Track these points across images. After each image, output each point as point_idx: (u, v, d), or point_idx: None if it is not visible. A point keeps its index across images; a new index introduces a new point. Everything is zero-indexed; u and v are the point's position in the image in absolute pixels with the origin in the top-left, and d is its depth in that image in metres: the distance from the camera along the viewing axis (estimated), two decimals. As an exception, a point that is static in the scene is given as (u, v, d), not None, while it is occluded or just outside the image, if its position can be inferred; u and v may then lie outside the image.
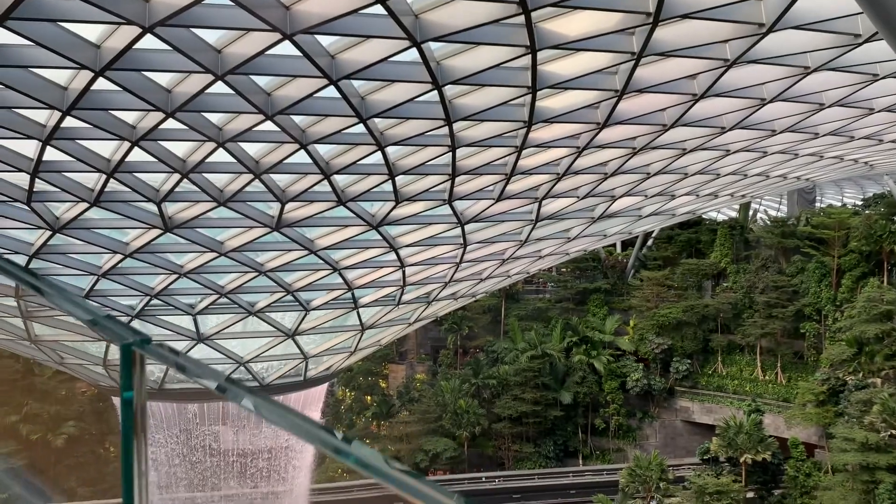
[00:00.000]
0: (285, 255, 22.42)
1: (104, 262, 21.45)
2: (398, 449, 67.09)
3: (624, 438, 67.27)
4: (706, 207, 35.01)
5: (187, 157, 16.33)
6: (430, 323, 79.30)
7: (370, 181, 18.58)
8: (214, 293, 24.08)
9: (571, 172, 20.05)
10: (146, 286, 23.25)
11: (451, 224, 21.90)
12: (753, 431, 50.40)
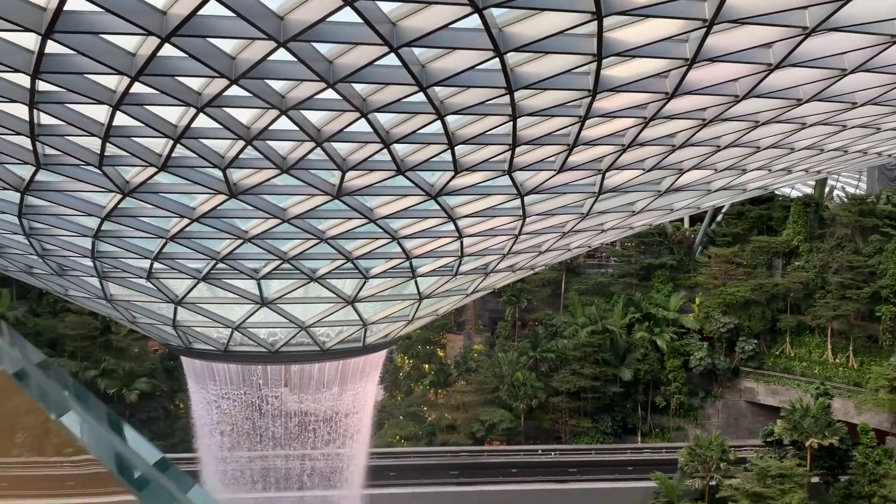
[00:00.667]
0: (345, 223, 22.64)
1: (172, 226, 22.06)
2: (454, 417, 67.68)
3: (685, 417, 66.23)
4: (779, 183, 33.72)
5: (251, 125, 16.55)
6: (489, 294, 79.38)
7: (429, 150, 18.51)
8: (277, 259, 24.55)
9: (637, 144, 19.54)
10: (212, 250, 23.84)
11: (510, 195, 21.69)
12: (821, 415, 48.89)
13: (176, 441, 67.14)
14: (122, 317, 32.25)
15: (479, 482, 53.29)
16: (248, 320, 28.84)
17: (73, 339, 67.51)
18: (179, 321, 29.40)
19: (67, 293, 31.16)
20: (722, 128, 19.51)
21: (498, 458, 58.84)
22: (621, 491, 52.52)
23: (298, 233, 22.77)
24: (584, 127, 17.65)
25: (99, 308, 34.44)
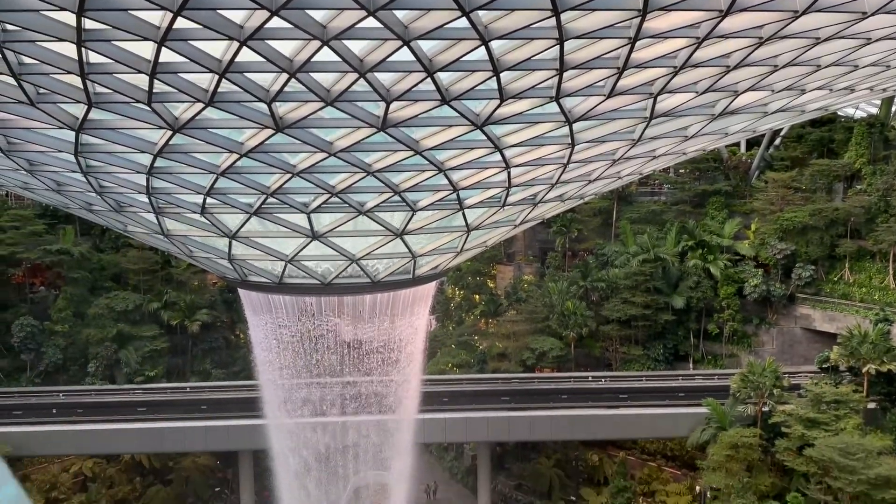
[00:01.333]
0: (392, 155, 22.62)
1: (222, 162, 22.40)
2: (505, 346, 68.53)
3: (738, 344, 65.72)
4: (841, 103, 32.24)
5: (294, 57, 16.49)
6: (538, 225, 78.96)
7: (474, 78, 18.19)
8: (326, 192, 24.78)
9: (690, 65, 18.86)
10: (262, 185, 24.19)
11: (558, 123, 21.28)
12: (879, 341, 47.89)
13: (237, 370, 69.81)
14: (179, 251, 33.22)
15: (529, 408, 54.21)
16: (301, 253, 29.40)
17: (136, 274, 69.99)
18: (234, 255, 30.15)
19: (127, 229, 32.15)
20: (779, 46, 18.65)
21: (548, 384, 59.58)
22: (672, 417, 52.83)
23: (345, 166, 22.87)
24: (634, 49, 17.09)
25: (158, 243, 35.51)
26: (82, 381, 64.20)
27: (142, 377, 64.14)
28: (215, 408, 55.60)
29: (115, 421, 53.28)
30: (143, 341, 66.14)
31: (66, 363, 66.02)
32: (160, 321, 68.57)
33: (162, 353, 67.21)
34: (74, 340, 65.81)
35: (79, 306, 66.66)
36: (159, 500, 61.95)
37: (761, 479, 47.08)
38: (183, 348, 70.10)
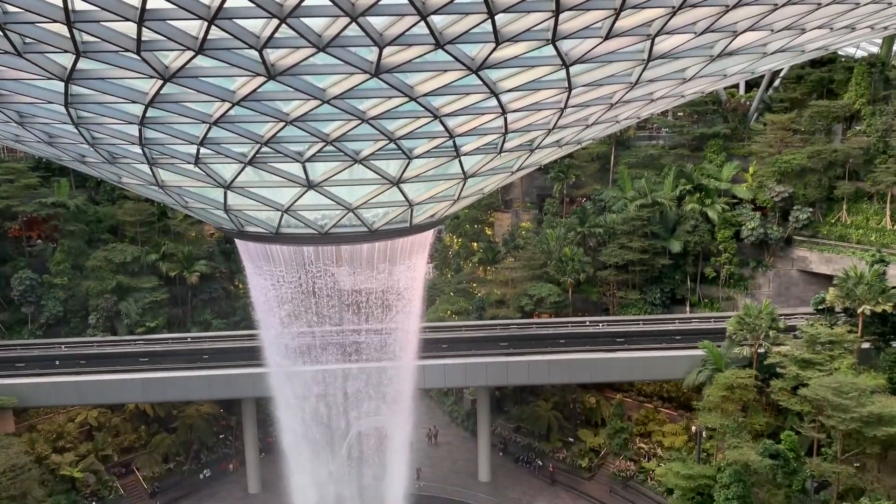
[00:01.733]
0: (386, 102, 22.32)
1: (214, 111, 22.11)
2: (503, 293, 68.97)
3: (735, 287, 66.17)
4: (842, 42, 31.70)
5: (284, 2, 16.13)
6: (535, 171, 78.49)
7: (468, 21, 17.81)
8: (320, 141, 24.54)
9: (688, 5, 18.51)
10: (256, 134, 23.93)
11: (555, 66, 20.95)
12: (875, 282, 48.20)
13: (238, 319, 70.31)
14: (175, 202, 33.07)
15: (527, 353, 54.82)
16: (297, 203, 29.27)
17: (132, 226, 69.90)
18: (230, 205, 30.03)
19: (122, 181, 31.94)
20: (780, -17, 18.26)
21: (546, 329, 60.16)
22: (669, 359, 53.52)
23: (339, 114, 22.59)
24: (630, -11, 16.72)
25: (153, 194, 35.34)
26: (83, 333, 64.74)
27: (143, 328, 64.63)
28: (217, 357, 56.19)
29: (118, 371, 53.90)
30: (142, 293, 66.44)
31: (67, 315, 66.46)
32: (159, 273, 68.78)
33: (162, 305, 67.59)
34: (74, 293, 66.11)
35: (77, 259, 66.78)
36: (164, 447, 63.12)
37: (756, 418, 47.96)
38: (183, 299, 70.46)
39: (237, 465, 64.64)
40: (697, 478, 47.95)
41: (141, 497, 60.10)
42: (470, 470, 63.24)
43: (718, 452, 50.23)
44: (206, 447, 65.70)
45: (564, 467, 61.82)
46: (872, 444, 40.41)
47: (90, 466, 58.35)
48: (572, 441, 63.90)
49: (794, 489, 42.56)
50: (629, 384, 64.04)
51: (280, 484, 51.84)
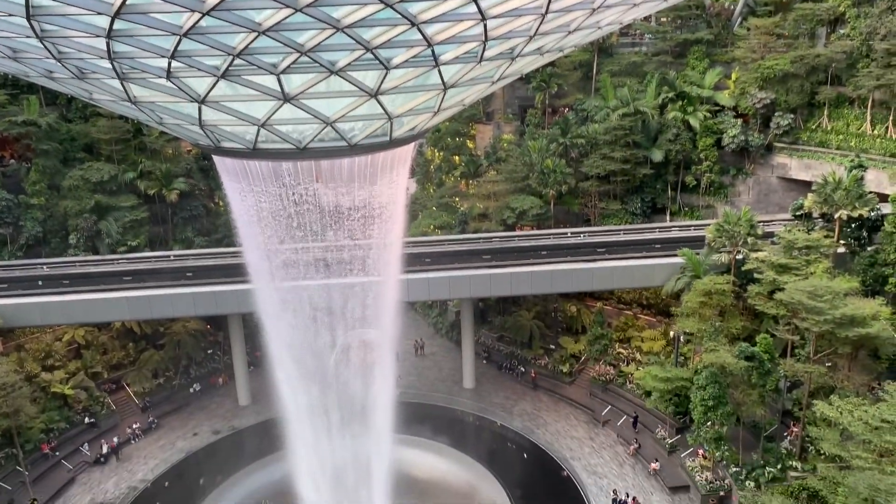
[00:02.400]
0: (361, 9, 21.63)
1: (184, 22, 21.37)
2: (486, 206, 69.09)
3: (715, 195, 66.63)
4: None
5: None
6: (517, 81, 77.20)
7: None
8: (295, 52, 23.87)
9: None
10: (228, 46, 23.22)
11: (534, -31, 20.31)
12: (853, 187, 48.67)
13: (220, 237, 70.22)
14: (149, 119, 32.35)
15: (510, 265, 55.43)
16: (273, 117, 28.72)
17: (107, 144, 68.56)
18: (205, 120, 29.42)
19: (92, 97, 31.09)
20: None
21: (528, 242, 60.65)
22: (649, 267, 54.37)
23: (313, 22, 21.89)
24: None
25: (126, 111, 34.48)
26: (65, 254, 64.47)
27: (124, 247, 64.42)
28: (201, 274, 56.35)
29: (103, 290, 54.00)
30: (122, 212, 65.90)
31: (47, 236, 65.98)
32: (137, 191, 68.04)
33: (142, 223, 67.18)
34: (52, 213, 65.43)
35: (53, 178, 65.74)
36: (153, 363, 64.07)
37: (733, 322, 49.26)
38: (163, 217, 70.01)
39: (226, 379, 65.91)
40: (675, 380, 49.68)
41: (133, 412, 61.42)
42: (455, 378, 64.99)
43: (695, 356, 51.83)
44: (195, 362, 66.78)
45: (546, 373, 63.66)
46: (844, 345, 41.76)
47: (80, 383, 59.28)
48: (553, 348, 65.56)
49: (768, 389, 44.20)
50: (609, 293, 65.25)
51: (269, 396, 53.04)
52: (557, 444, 55.18)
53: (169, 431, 59.71)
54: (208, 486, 51.70)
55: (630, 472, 51.49)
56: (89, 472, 54.64)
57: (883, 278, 48.70)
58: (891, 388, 35.58)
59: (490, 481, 51.51)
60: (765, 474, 44.67)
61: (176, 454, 56.42)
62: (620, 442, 54.73)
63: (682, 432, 52.12)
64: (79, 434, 57.39)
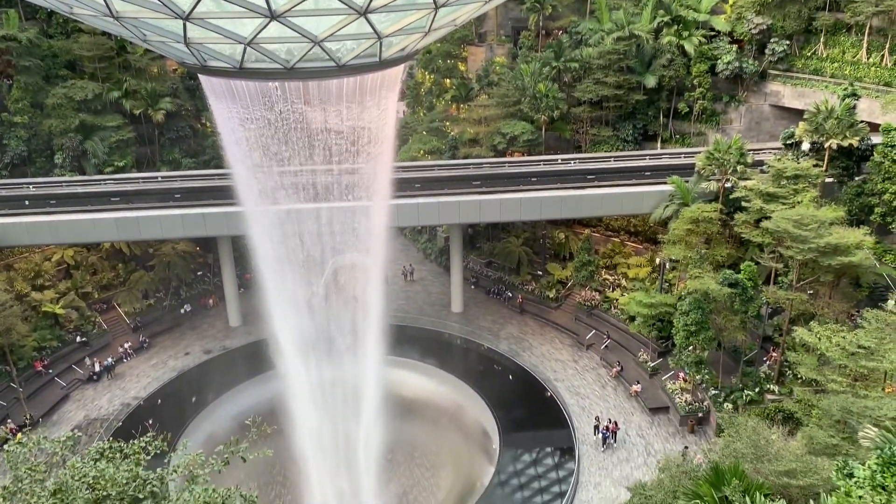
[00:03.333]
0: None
1: (166, -68, 20.65)
2: (476, 131, 68.48)
3: (707, 123, 66.22)
4: None
5: None
6: (511, 2, 75.46)
7: None
8: (282, -34, 23.22)
9: None
10: (212, -41, 22.53)
11: None
12: (844, 116, 48.47)
13: (207, 158, 69.58)
14: (132, 35, 31.57)
15: (500, 191, 55.40)
16: (260, 36, 28.10)
17: (91, 61, 66.90)
18: (190, 38, 28.77)
19: (73, 11, 30.23)
20: None
21: (518, 168, 60.45)
22: (638, 195, 54.48)
23: (301, -65, 21.23)
24: None
25: (108, 27, 33.60)
26: (50, 174, 63.82)
27: (111, 168, 63.81)
28: (189, 196, 56.08)
29: (90, 211, 53.77)
30: (107, 131, 64.97)
31: (32, 155, 65.18)
32: (123, 111, 66.92)
33: (129, 144, 66.36)
34: (37, 132, 64.42)
35: (36, 96, 64.42)
36: (143, 284, 64.49)
37: (718, 250, 49.84)
38: (150, 138, 69.13)
39: (216, 300, 66.52)
40: (658, 306, 50.55)
41: (124, 331, 62.16)
42: (444, 302, 65.85)
43: (680, 282, 52.61)
44: (185, 284, 67.22)
45: (533, 298, 64.57)
46: (826, 273, 42.46)
47: (71, 303, 59.74)
48: (541, 274, 66.29)
49: (750, 315, 45.15)
50: (598, 220, 65.59)
51: (260, 317, 53.70)
52: (542, 366, 56.47)
53: (160, 351, 60.61)
54: (200, 404, 52.87)
55: (612, 393, 52.97)
56: (82, 389, 55.70)
57: (869, 208, 49.14)
58: (869, 315, 36.38)
59: (476, 401, 52.91)
60: (743, 397, 46.08)
61: (168, 373, 57.46)
62: (603, 365, 56.07)
63: (664, 356, 53.40)
64: (71, 353, 58.20)
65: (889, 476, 11.96)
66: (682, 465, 26.48)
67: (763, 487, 17.62)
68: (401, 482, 49.69)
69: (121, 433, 48.97)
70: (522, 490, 44.73)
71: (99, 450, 13.37)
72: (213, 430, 48.85)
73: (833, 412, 31.30)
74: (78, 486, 12.14)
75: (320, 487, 46.64)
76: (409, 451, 51.77)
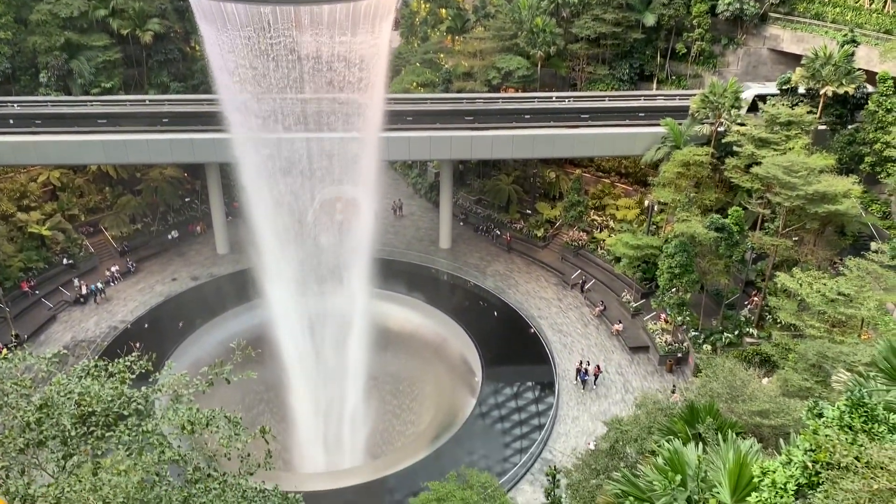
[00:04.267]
0: None
1: None
2: (471, 65, 67.39)
3: (704, 65, 65.35)
4: None
5: None
6: (511, -71, 72.88)
7: None
8: None
9: None
10: None
11: None
12: (842, 63, 47.93)
13: (196, 83, 68.35)
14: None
15: (492, 127, 54.92)
16: (251, -46, 27.28)
17: (76, -24, 64.70)
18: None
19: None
20: None
21: (512, 104, 59.77)
22: (631, 136, 54.19)
23: None
24: None
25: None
26: (35, 92, 62.53)
27: (98, 89, 62.57)
28: (178, 121, 55.30)
29: (77, 133, 52.99)
30: (94, 51, 63.46)
31: (16, 73, 63.69)
32: (110, 30, 65.18)
33: (116, 65, 64.92)
34: (21, 49, 62.79)
35: (19, 12, 62.50)
36: (130, 208, 64.18)
37: (707, 194, 49.94)
38: (137, 60, 67.61)
39: (204, 227, 66.37)
40: (645, 248, 50.91)
41: (111, 255, 62.12)
42: (432, 238, 66.02)
43: (667, 225, 52.87)
44: (173, 210, 66.94)
45: (521, 237, 64.83)
46: (812, 220, 42.75)
47: (58, 225, 59.48)
48: (530, 213, 66.38)
49: (734, 260, 45.61)
50: (589, 160, 65.35)
51: (247, 246, 53.73)
52: (527, 303, 57.10)
53: (148, 276, 60.73)
54: (187, 330, 53.32)
55: (594, 331, 53.80)
56: (69, 311, 55.95)
57: (859, 157, 49.21)
58: (851, 263, 36.87)
59: (461, 335, 53.63)
60: (722, 339, 46.94)
61: (155, 297, 57.71)
62: (587, 304, 56.75)
63: (647, 297, 54.07)
64: (57, 275, 58.23)
65: (856, 417, 12.30)
66: (658, 402, 27.11)
67: (736, 426, 18.08)
68: (385, 410, 50.76)
69: (107, 355, 49.41)
70: (503, 421, 45.83)
71: (84, 368, 13.52)
72: (200, 356, 49.41)
73: (809, 356, 31.99)
74: (63, 401, 12.33)
75: (304, 411, 47.58)
76: (393, 381, 52.72)
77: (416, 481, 39.10)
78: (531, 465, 41.91)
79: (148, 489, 12.14)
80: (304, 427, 47.30)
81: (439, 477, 30.86)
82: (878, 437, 12.08)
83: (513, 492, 39.60)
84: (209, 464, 13.55)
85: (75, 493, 10.98)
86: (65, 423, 11.97)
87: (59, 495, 11.15)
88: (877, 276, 36.03)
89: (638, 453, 24.26)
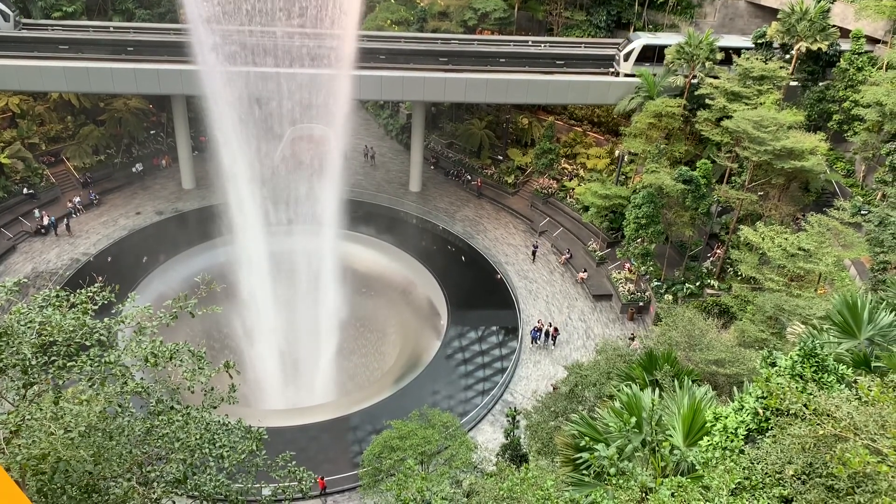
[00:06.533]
0: None
1: None
2: (447, 4, 66.08)
3: (681, 15, 64.88)
4: None
5: None
6: None
7: None
8: None
9: None
10: None
11: None
12: (818, 19, 47.96)
13: (163, 11, 66.08)
14: None
15: (467, 70, 54.17)
16: None
17: None
18: None
19: None
20: None
21: (487, 47, 58.84)
22: (605, 84, 53.91)
23: None
24: None
25: None
26: (-7, 14, 59.87)
27: (59, 13, 60.19)
28: (143, 51, 53.53)
29: (37, 58, 51.07)
30: (55, -27, 60.79)
31: (-28, -7, 60.83)
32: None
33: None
34: (-24, -33, 59.82)
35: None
36: (93, 139, 62.57)
37: (677, 146, 50.20)
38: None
39: (169, 161, 65.11)
40: (613, 197, 51.27)
41: (73, 186, 60.77)
42: (402, 181, 65.63)
43: (636, 176, 53.19)
44: (137, 142, 65.44)
45: (491, 182, 64.74)
46: (778, 176, 43.28)
47: (17, 153, 57.85)
48: (501, 159, 66.18)
49: (700, 212, 46.17)
50: (562, 107, 65.07)
51: (214, 181, 52.92)
52: (495, 249, 57.41)
53: (111, 209, 59.63)
54: (151, 265, 52.75)
55: (559, 279, 54.43)
56: (30, 242, 54.89)
57: (828, 114, 49.68)
58: (813, 219, 37.56)
59: (428, 279, 53.90)
60: (683, 290, 47.86)
61: (119, 231, 56.80)
62: (553, 251, 57.24)
63: (613, 247, 54.72)
64: (17, 205, 56.90)
65: (808, 367, 12.73)
66: (618, 349, 27.70)
67: (692, 374, 18.57)
68: (351, 349, 51.17)
69: (69, 287, 48.82)
70: (466, 364, 46.53)
71: (46, 298, 13.34)
72: (164, 291, 49.02)
73: (766, 309, 32.84)
74: (24, 330, 12.18)
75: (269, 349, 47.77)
76: (360, 321, 53.00)
77: (379, 419, 39.74)
78: (492, 407, 42.78)
79: (110, 419, 12.16)
80: (269, 365, 47.54)
81: (403, 416, 31.39)
82: (828, 386, 12.53)
83: (473, 431, 40.46)
84: (172, 396, 13.58)
85: (36, 420, 10.95)
86: (25, 352, 11.84)
87: (19, 423, 11.11)
88: (837, 233, 36.82)
89: (596, 397, 24.90)
